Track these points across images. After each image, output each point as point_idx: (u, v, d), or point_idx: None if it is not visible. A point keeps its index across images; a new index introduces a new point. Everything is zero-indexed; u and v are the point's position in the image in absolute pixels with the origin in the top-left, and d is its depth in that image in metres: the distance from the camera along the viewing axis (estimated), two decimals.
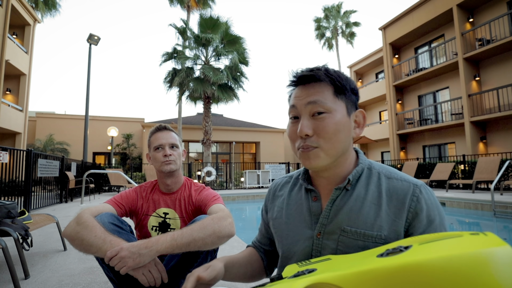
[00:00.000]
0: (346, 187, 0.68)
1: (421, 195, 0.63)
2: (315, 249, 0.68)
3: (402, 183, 0.65)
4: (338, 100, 0.66)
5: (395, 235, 0.61)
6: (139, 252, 0.89)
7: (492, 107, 10.73)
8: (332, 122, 0.64)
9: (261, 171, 11.75)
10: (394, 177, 0.67)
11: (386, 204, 0.64)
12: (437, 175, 8.72)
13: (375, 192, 0.66)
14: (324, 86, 0.66)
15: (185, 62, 12.55)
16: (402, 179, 0.66)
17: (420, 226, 0.61)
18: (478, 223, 5.02)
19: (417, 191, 0.63)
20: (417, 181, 0.66)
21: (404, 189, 0.64)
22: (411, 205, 0.62)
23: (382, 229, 0.61)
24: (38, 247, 2.75)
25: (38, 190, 5.80)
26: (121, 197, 1.28)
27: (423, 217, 0.61)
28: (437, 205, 0.63)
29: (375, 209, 0.64)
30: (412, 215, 0.61)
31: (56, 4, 15.07)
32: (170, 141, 1.33)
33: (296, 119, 0.69)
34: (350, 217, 0.65)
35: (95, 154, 17.49)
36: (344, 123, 0.65)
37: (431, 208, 0.62)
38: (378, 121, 17.75)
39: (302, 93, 0.67)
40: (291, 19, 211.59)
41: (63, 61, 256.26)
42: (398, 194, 0.64)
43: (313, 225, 0.70)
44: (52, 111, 27.37)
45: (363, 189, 0.67)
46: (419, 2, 13.02)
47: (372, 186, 0.67)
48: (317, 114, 0.64)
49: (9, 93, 12.51)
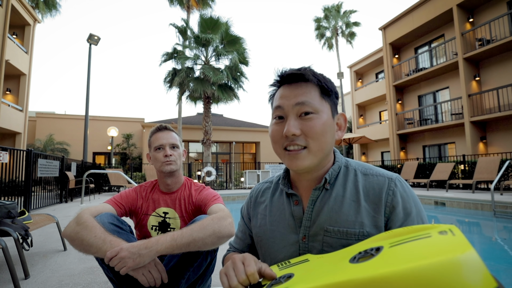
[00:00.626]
0: (325, 186, 0.68)
1: (396, 189, 0.63)
2: (302, 253, 0.67)
3: (377, 178, 0.66)
4: (324, 101, 0.66)
5: (377, 230, 0.61)
6: (139, 252, 0.89)
7: (492, 107, 10.73)
8: (319, 123, 0.64)
9: (261, 171, 11.75)
10: (369, 173, 0.68)
11: (364, 200, 0.64)
12: (437, 175, 8.72)
13: (353, 189, 0.66)
14: (311, 87, 0.66)
15: (185, 62, 12.54)
16: (378, 174, 0.67)
17: (398, 219, 0.61)
18: (478, 223, 5.02)
19: (392, 185, 0.64)
20: (392, 174, 0.66)
21: (380, 184, 0.65)
22: (387, 200, 0.62)
23: (363, 225, 0.62)
24: (38, 247, 2.75)
25: (38, 190, 5.80)
26: (121, 197, 1.28)
27: (400, 210, 0.62)
28: (413, 197, 0.64)
29: (354, 207, 0.64)
30: (390, 209, 0.62)
31: (56, 4, 15.07)
32: (170, 141, 1.33)
33: (281, 119, 0.67)
34: (331, 216, 0.65)
35: (95, 154, 17.50)
36: (329, 124, 0.66)
37: (407, 201, 0.63)
38: (378, 121, 17.75)
39: (290, 93, 0.66)
40: (291, 19, 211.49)
41: (63, 61, 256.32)
42: (374, 190, 0.64)
43: (297, 229, 0.69)
44: (52, 111, 27.38)
45: (341, 188, 0.67)
46: (419, 2, 13.02)
47: (349, 184, 0.67)
48: (304, 115, 0.64)
49: (9, 93, 12.51)
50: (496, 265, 2.73)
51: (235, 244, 0.90)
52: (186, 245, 0.93)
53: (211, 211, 1.14)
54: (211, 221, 1.00)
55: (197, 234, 0.94)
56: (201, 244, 0.95)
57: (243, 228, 0.88)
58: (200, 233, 0.95)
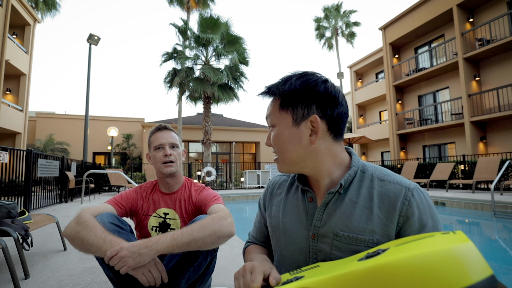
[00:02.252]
0: (339, 191, 0.68)
1: (413, 199, 0.62)
2: (311, 251, 0.69)
3: (394, 186, 0.64)
4: (284, 113, 0.69)
5: (387, 239, 0.61)
6: (139, 251, 0.89)
7: (492, 107, 10.73)
8: (276, 135, 0.71)
9: (261, 171, 11.75)
10: (387, 179, 0.66)
11: (377, 207, 0.63)
12: (437, 175, 8.72)
13: (366, 195, 0.65)
14: (274, 101, 0.72)
15: (185, 62, 12.55)
16: (395, 181, 0.65)
17: (412, 230, 0.60)
18: (478, 223, 5.02)
19: (409, 195, 0.62)
20: (410, 183, 0.65)
21: (396, 193, 0.63)
22: (402, 209, 0.61)
23: (374, 233, 0.62)
24: (38, 247, 2.75)
25: (38, 190, 5.80)
26: (121, 197, 1.28)
27: (415, 221, 0.60)
28: (430, 209, 0.62)
29: (367, 213, 0.63)
30: (403, 219, 0.61)
31: (56, 4, 15.08)
32: (170, 140, 1.33)
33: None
34: (343, 221, 0.65)
35: (95, 154, 17.50)
36: (288, 134, 0.68)
37: (423, 212, 0.61)
38: (378, 121, 17.75)
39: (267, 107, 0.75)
40: (291, 19, 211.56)
41: (63, 61, 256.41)
42: (390, 198, 0.63)
43: (308, 226, 0.71)
44: (52, 111, 27.38)
45: (355, 193, 0.67)
46: (419, 2, 13.02)
47: (364, 190, 0.66)
48: (272, 127, 0.72)
49: (9, 93, 12.51)
50: (496, 265, 2.72)
51: (253, 233, 0.93)
52: (186, 244, 0.93)
53: (211, 211, 1.14)
54: (211, 220, 1.00)
55: (197, 234, 0.94)
56: (201, 244, 0.95)
57: (260, 218, 0.91)
58: (200, 232, 0.95)
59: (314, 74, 0.70)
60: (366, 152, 18.45)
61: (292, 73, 0.71)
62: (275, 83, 0.71)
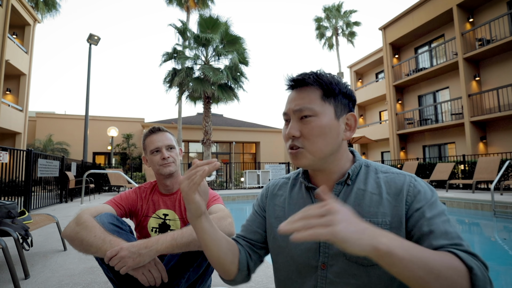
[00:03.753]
0: (347, 182, 0.71)
1: (416, 182, 0.67)
2: (323, 245, 0.69)
3: (398, 176, 0.70)
4: (326, 103, 0.69)
5: (398, 218, 0.64)
6: (139, 252, 0.89)
7: (492, 107, 10.73)
8: (317, 125, 0.67)
9: (261, 171, 11.75)
10: (390, 171, 0.72)
11: (386, 192, 0.67)
12: (437, 175, 8.72)
13: (374, 184, 0.70)
14: (312, 90, 0.70)
15: (185, 62, 12.55)
16: (398, 172, 0.71)
17: (419, 203, 0.64)
18: (478, 223, 5.02)
19: (412, 180, 0.68)
20: (411, 173, 0.71)
21: (401, 180, 0.68)
22: (409, 191, 0.66)
23: (385, 215, 0.65)
24: (38, 247, 2.75)
25: (38, 190, 5.80)
26: (121, 198, 1.28)
27: (421, 197, 0.65)
28: (431, 190, 0.67)
29: (376, 199, 0.67)
30: (411, 198, 0.65)
31: (56, 4, 15.09)
32: (166, 143, 1.31)
33: (288, 122, 0.73)
34: (354, 209, 0.67)
35: (95, 154, 17.50)
36: (330, 126, 0.68)
37: (427, 191, 0.66)
38: (378, 121, 17.75)
39: (293, 97, 0.72)
40: (291, 19, 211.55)
41: (63, 61, 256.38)
42: (396, 184, 0.68)
43: None
44: (52, 111, 27.38)
45: (362, 183, 0.71)
46: (419, 2, 13.02)
47: (370, 180, 0.71)
48: (304, 118, 0.68)
49: (9, 93, 12.51)
50: (496, 265, 2.73)
51: (241, 232, 0.87)
52: (186, 244, 0.93)
53: (211, 211, 1.14)
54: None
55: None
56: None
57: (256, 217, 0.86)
58: None
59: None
60: (366, 152, 18.45)
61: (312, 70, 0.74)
62: (308, 73, 0.71)
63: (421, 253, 0.47)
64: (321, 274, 0.67)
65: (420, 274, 0.45)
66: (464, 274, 0.48)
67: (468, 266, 0.49)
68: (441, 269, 0.47)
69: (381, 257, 0.45)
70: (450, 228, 0.59)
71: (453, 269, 0.48)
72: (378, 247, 0.44)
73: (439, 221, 0.60)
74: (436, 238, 0.57)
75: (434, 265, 0.46)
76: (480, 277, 0.48)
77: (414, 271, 0.45)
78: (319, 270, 0.67)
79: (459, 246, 0.55)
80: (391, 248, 0.45)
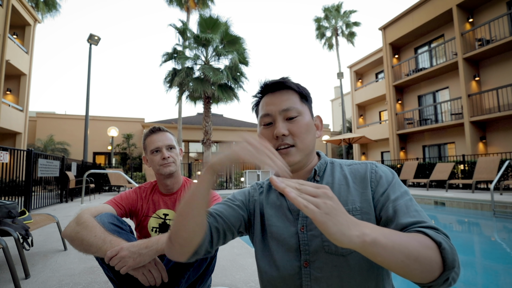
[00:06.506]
0: (315, 178, 0.76)
1: (377, 168, 0.74)
2: (302, 243, 0.70)
3: (360, 165, 0.77)
4: (304, 105, 0.77)
5: (367, 203, 0.69)
6: (139, 251, 0.89)
7: (492, 107, 10.73)
8: (304, 123, 0.74)
9: (261, 171, 11.75)
10: (353, 163, 0.79)
11: (352, 182, 0.73)
12: (437, 175, 8.72)
13: (340, 176, 0.76)
14: (292, 93, 0.76)
15: (185, 62, 12.54)
16: (361, 163, 0.78)
17: (382, 187, 0.69)
18: (477, 223, 5.02)
19: (373, 166, 0.74)
20: (372, 161, 0.78)
21: (364, 168, 0.75)
22: (371, 177, 0.72)
23: (355, 202, 0.70)
24: (39, 247, 2.75)
25: (39, 190, 5.81)
26: (121, 198, 1.28)
27: (384, 181, 0.70)
28: (392, 173, 0.73)
29: (344, 189, 0.73)
30: (375, 183, 0.71)
31: (56, 4, 15.08)
32: (166, 142, 1.31)
33: (269, 125, 0.77)
34: None
35: (95, 154, 17.50)
36: (310, 124, 0.77)
37: (388, 175, 0.72)
38: (378, 121, 17.75)
39: (275, 100, 0.76)
40: (291, 19, 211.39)
41: (63, 61, 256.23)
42: (360, 172, 0.74)
43: (295, 221, 0.73)
44: (52, 111, 27.38)
45: (330, 177, 0.76)
46: (419, 2, 13.02)
47: (337, 174, 0.77)
48: (291, 118, 0.74)
49: (10, 93, 12.51)
50: (496, 265, 2.73)
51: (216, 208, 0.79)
52: None
53: None
54: None
55: None
56: None
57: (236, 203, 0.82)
58: None
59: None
60: (366, 152, 18.45)
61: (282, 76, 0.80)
62: (284, 78, 0.78)
63: (400, 238, 0.50)
64: (305, 272, 0.68)
65: (402, 259, 0.48)
66: (435, 250, 0.52)
67: (437, 242, 0.53)
68: (419, 250, 0.50)
69: (367, 247, 0.46)
70: (413, 206, 0.63)
71: (427, 247, 0.51)
72: (364, 238, 0.46)
73: (402, 202, 0.64)
74: (402, 217, 0.61)
75: (413, 248, 0.49)
76: (448, 249, 0.52)
77: (396, 256, 0.48)
78: (302, 268, 0.68)
79: (424, 223, 0.59)
80: (375, 237, 0.47)
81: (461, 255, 3.00)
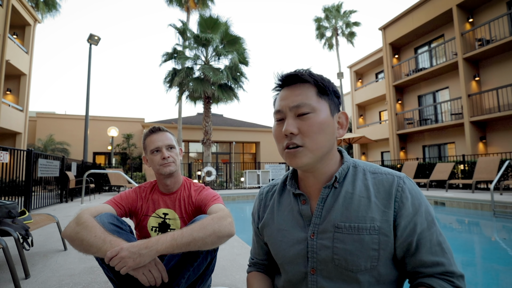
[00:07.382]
0: (334, 185, 0.69)
1: (405, 186, 0.66)
2: (310, 250, 0.68)
3: (386, 176, 0.68)
4: (322, 100, 0.68)
5: (387, 224, 0.63)
6: (139, 252, 0.89)
7: (492, 107, 10.73)
8: (316, 121, 0.66)
9: (261, 171, 11.75)
10: (378, 171, 0.70)
11: (374, 196, 0.66)
12: (437, 175, 8.73)
13: (362, 187, 0.68)
14: (308, 87, 0.68)
15: (185, 62, 12.55)
16: (386, 172, 0.69)
17: (407, 214, 0.63)
18: (477, 223, 5.02)
19: (401, 182, 0.66)
20: (400, 173, 0.69)
21: (390, 181, 0.67)
22: (397, 195, 0.65)
23: (374, 220, 0.63)
24: (39, 247, 2.75)
25: (39, 190, 5.81)
26: (121, 197, 1.28)
27: (409, 205, 0.64)
28: (420, 194, 0.66)
29: (365, 202, 0.65)
30: (399, 205, 0.64)
31: (56, 4, 15.09)
32: (166, 142, 1.32)
33: (281, 121, 0.70)
34: (343, 213, 0.66)
35: (95, 154, 17.50)
36: (328, 123, 0.67)
37: (415, 197, 0.65)
38: (378, 121, 17.75)
39: (288, 95, 0.69)
40: (291, 19, 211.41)
41: (63, 61, 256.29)
42: (384, 186, 0.66)
43: (306, 227, 0.70)
44: (52, 111, 27.39)
45: (350, 186, 0.69)
46: (419, 2, 13.03)
47: (359, 182, 0.69)
48: (303, 114, 0.66)
49: (10, 93, 12.52)
50: (496, 265, 2.73)
51: (253, 251, 0.89)
52: (186, 244, 0.93)
53: (211, 211, 1.14)
54: (211, 220, 1.00)
55: (197, 234, 0.95)
56: (201, 244, 0.95)
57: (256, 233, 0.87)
58: (200, 232, 0.95)
59: None
60: (366, 152, 18.45)
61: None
62: (301, 70, 0.70)
63: None
64: (311, 279, 0.67)
65: None
66: None
67: None
68: None
69: None
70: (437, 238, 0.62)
71: None
72: None
73: (427, 235, 0.62)
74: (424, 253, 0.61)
75: None
76: None
77: None
78: (309, 275, 0.67)
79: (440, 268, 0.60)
80: None
81: (461, 255, 3.00)
